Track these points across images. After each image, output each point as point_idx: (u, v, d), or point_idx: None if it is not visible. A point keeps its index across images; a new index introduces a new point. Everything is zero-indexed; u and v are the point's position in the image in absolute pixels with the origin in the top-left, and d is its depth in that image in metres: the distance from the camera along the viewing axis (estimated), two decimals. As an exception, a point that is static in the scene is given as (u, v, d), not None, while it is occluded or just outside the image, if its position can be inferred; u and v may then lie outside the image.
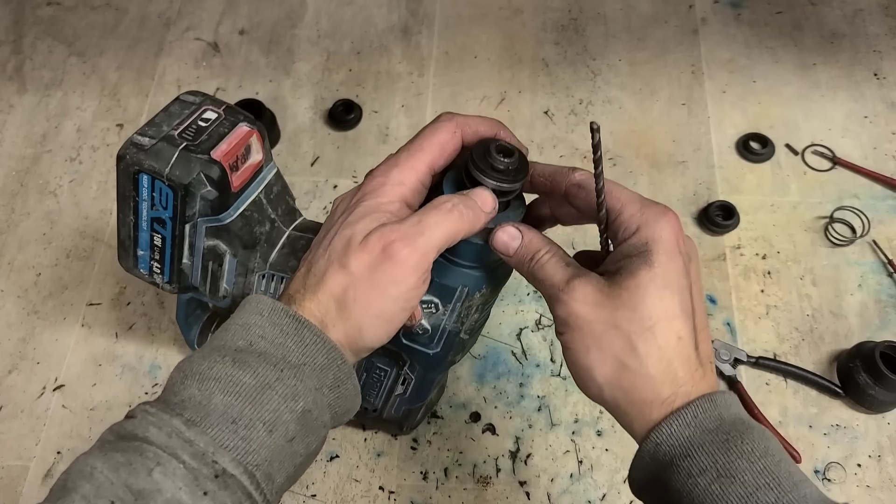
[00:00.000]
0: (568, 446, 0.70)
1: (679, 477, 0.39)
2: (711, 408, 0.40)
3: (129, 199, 0.55)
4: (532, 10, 1.02)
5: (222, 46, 1.00)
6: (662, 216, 0.43)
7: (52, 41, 1.02)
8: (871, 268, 0.80)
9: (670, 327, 0.41)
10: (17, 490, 0.69)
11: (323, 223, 0.49)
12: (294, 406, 0.40)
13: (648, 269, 0.41)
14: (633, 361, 0.41)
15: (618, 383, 0.41)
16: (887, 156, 0.88)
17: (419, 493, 0.68)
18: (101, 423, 0.72)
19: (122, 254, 0.59)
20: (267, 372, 0.40)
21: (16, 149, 0.92)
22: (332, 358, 0.43)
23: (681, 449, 0.39)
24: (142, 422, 0.38)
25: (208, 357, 0.41)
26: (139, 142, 0.52)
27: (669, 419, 0.40)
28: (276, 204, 0.58)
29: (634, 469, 0.42)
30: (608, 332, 0.41)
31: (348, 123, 0.92)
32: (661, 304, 0.41)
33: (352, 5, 1.04)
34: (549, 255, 0.45)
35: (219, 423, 0.38)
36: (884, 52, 0.97)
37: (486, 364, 0.75)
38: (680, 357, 0.41)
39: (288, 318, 0.43)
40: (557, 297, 0.43)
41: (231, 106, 0.56)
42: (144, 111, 0.94)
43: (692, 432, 0.39)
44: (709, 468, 0.38)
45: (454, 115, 0.49)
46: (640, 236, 0.42)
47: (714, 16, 1.01)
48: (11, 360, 0.76)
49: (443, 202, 0.44)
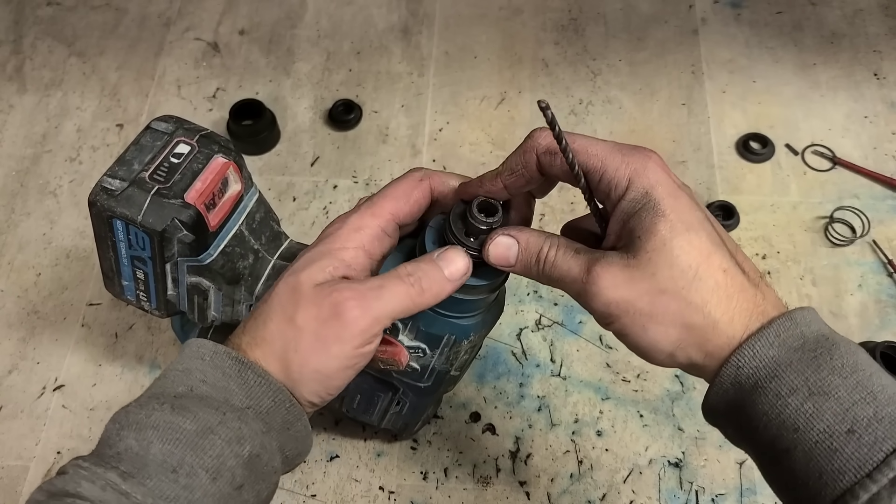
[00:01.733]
0: (568, 446, 0.70)
1: (766, 399, 0.37)
2: (792, 326, 0.38)
3: (107, 238, 0.53)
4: (532, 10, 1.02)
5: (222, 46, 1.00)
6: (648, 159, 0.40)
7: (52, 41, 1.02)
8: (871, 268, 0.80)
9: (711, 265, 0.39)
10: (17, 490, 0.69)
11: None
12: (240, 450, 0.38)
13: (664, 220, 0.39)
14: (695, 317, 0.39)
15: (688, 343, 0.39)
16: (887, 156, 0.88)
17: (419, 493, 0.68)
18: (100, 424, 0.71)
19: (107, 282, 0.57)
20: (208, 416, 0.38)
21: (16, 149, 0.92)
22: (280, 400, 0.41)
23: (766, 371, 0.37)
24: (73, 476, 0.36)
25: (146, 406, 0.39)
26: (109, 186, 0.50)
27: (750, 341, 0.38)
28: (260, 232, 0.56)
29: (712, 396, 0.40)
30: (657, 302, 0.39)
31: (348, 123, 0.92)
32: (693, 248, 0.39)
33: (352, 5, 1.04)
34: (555, 250, 0.42)
35: (158, 472, 0.36)
36: (884, 52, 0.97)
37: (486, 364, 0.75)
38: (734, 288, 0.39)
39: (230, 360, 0.41)
40: (585, 291, 0.41)
41: (206, 133, 0.53)
42: (144, 111, 0.95)
43: (776, 352, 0.37)
44: (799, 387, 0.36)
45: (422, 168, 0.47)
46: (636, 188, 0.40)
47: (714, 16, 1.01)
48: (11, 360, 0.76)
49: (405, 274, 0.43)
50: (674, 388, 0.72)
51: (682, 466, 0.69)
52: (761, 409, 0.37)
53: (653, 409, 0.72)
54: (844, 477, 0.34)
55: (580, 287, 0.41)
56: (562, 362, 0.74)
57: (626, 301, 0.39)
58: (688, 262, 0.38)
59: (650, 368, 0.74)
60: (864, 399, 0.35)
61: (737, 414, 0.39)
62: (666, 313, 0.39)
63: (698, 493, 0.67)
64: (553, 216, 0.84)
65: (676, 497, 0.67)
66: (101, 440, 0.39)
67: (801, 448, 0.36)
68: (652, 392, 0.72)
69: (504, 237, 0.44)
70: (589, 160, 0.41)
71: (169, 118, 0.53)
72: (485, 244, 0.44)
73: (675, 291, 0.38)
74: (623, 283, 0.39)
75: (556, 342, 0.76)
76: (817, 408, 0.36)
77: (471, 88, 0.95)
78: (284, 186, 0.87)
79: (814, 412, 0.36)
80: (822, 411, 0.35)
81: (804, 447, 0.36)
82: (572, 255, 0.42)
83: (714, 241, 0.39)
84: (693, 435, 0.70)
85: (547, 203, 0.84)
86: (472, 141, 0.90)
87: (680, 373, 0.73)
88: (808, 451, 0.35)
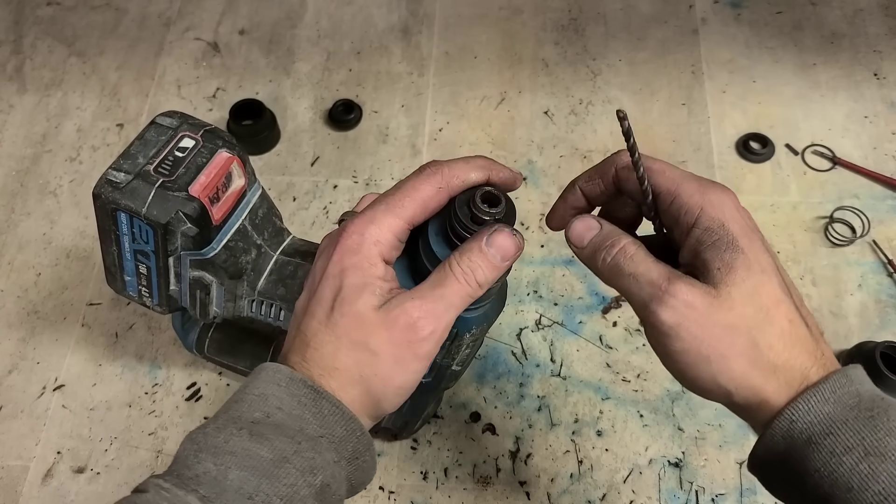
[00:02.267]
0: (568, 446, 0.70)
1: (820, 455, 0.36)
2: (847, 383, 0.38)
3: (110, 232, 0.53)
4: (532, 10, 1.02)
5: (222, 46, 1.00)
6: (724, 194, 0.40)
7: (52, 41, 1.02)
8: (871, 268, 0.80)
9: (780, 312, 0.39)
10: (17, 490, 0.69)
11: (311, 272, 0.47)
12: (312, 480, 0.39)
13: (743, 257, 0.38)
14: (758, 358, 0.38)
15: (746, 384, 0.39)
16: (887, 156, 0.88)
17: (419, 493, 0.68)
18: (100, 423, 0.72)
19: (109, 278, 0.58)
20: (284, 445, 0.39)
21: (16, 149, 0.92)
22: (352, 429, 0.42)
23: (820, 426, 0.37)
24: (155, 497, 0.36)
25: (223, 430, 0.39)
26: (114, 179, 0.50)
27: (806, 395, 0.37)
28: (262, 228, 0.56)
29: (762, 446, 0.39)
30: (726, 336, 0.38)
31: (348, 123, 0.92)
32: (766, 291, 0.39)
33: (352, 5, 1.04)
34: (636, 248, 0.41)
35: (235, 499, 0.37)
36: (884, 52, 0.97)
37: (486, 364, 0.75)
38: (798, 339, 0.39)
39: (306, 389, 0.41)
40: (661, 300, 0.39)
41: (210, 129, 0.53)
42: (144, 111, 0.94)
43: (832, 409, 0.37)
44: (855, 446, 0.36)
45: (440, 167, 0.45)
46: (711, 219, 0.39)
47: (714, 16, 1.01)
48: (11, 360, 0.76)
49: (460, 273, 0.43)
50: (674, 388, 0.72)
51: (682, 466, 0.69)
52: (813, 465, 0.37)
53: (653, 409, 0.72)
54: None
55: (655, 293, 0.40)
56: (562, 362, 0.74)
57: (700, 325, 0.39)
58: (761, 303, 0.38)
59: (650, 368, 0.74)
60: None
61: (785, 468, 0.39)
62: (732, 349, 0.39)
63: (698, 493, 0.67)
64: (553, 216, 0.84)
65: (676, 497, 0.67)
66: (178, 459, 0.39)
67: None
68: (652, 392, 0.72)
69: (591, 219, 0.44)
70: (664, 182, 0.41)
71: (173, 114, 0.54)
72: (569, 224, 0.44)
73: (747, 330, 0.38)
74: (702, 307, 0.39)
75: (556, 342, 0.76)
76: (873, 469, 0.35)
77: (471, 88, 0.95)
78: (284, 186, 0.87)
79: (869, 473, 0.35)
80: (878, 472, 0.35)
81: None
82: (654, 260, 0.41)
83: (783, 289, 0.39)
84: (693, 435, 0.70)
85: (547, 203, 0.84)
86: (472, 141, 0.90)
87: (680, 373, 0.73)
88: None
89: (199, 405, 0.73)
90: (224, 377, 0.74)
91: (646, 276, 0.40)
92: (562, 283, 0.79)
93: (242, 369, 0.70)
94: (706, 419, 0.71)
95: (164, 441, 0.71)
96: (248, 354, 0.70)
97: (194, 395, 0.74)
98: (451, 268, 0.43)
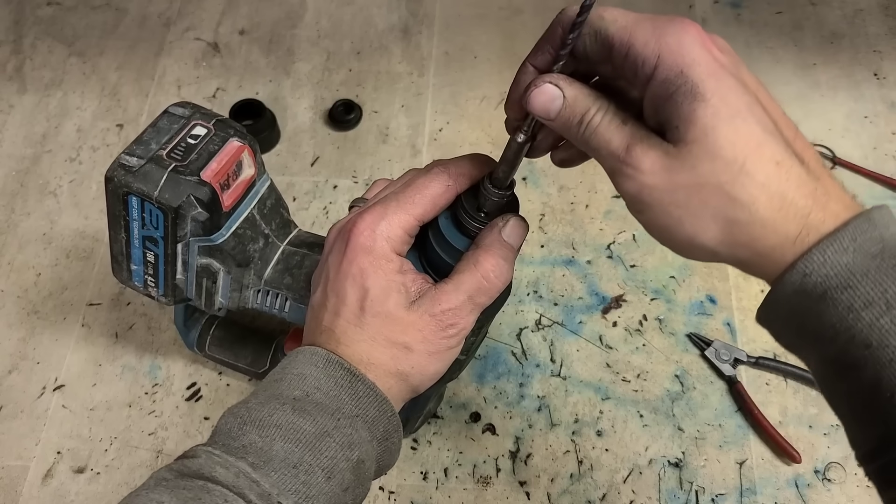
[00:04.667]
0: (568, 446, 0.70)
1: (835, 311, 0.33)
2: (871, 228, 0.33)
3: (120, 217, 0.54)
4: (532, 10, 1.02)
5: (222, 46, 1.00)
6: (683, 32, 0.35)
7: (52, 41, 1.02)
8: (871, 268, 0.80)
9: (762, 156, 0.34)
10: (17, 490, 0.69)
11: (321, 265, 0.48)
12: (350, 455, 0.41)
13: (704, 105, 0.34)
14: (740, 213, 0.34)
15: (733, 240, 0.35)
16: (887, 156, 0.88)
17: (419, 493, 0.68)
18: (100, 423, 0.72)
19: (115, 267, 0.58)
20: (325, 420, 0.41)
21: (16, 149, 0.92)
22: (384, 411, 0.44)
23: (838, 279, 0.33)
24: (208, 461, 0.38)
25: (266, 404, 0.41)
26: (127, 163, 0.51)
27: (822, 245, 0.33)
28: (270, 218, 0.57)
29: (770, 303, 0.36)
30: (697, 195, 0.35)
31: (348, 123, 0.92)
32: (739, 138, 0.34)
33: (352, 5, 1.04)
34: (601, 115, 0.37)
35: (281, 467, 0.38)
36: (884, 52, 0.97)
37: (486, 364, 0.75)
38: (790, 182, 0.34)
39: (342, 371, 0.43)
40: (620, 171, 0.36)
41: (222, 119, 0.54)
42: (144, 111, 0.95)
43: (851, 258, 0.33)
44: (876, 300, 0.32)
45: (447, 165, 0.46)
46: (668, 66, 0.34)
47: (714, 16, 1.01)
48: (11, 360, 0.76)
49: (484, 272, 0.44)
50: (674, 388, 0.72)
51: (682, 466, 0.69)
52: (828, 320, 0.33)
53: (653, 409, 0.72)
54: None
55: (615, 164, 0.37)
56: (562, 362, 0.74)
57: (662, 190, 0.35)
58: (733, 153, 0.34)
59: (650, 368, 0.74)
60: None
61: (797, 322, 0.35)
62: (706, 206, 0.35)
63: (698, 493, 0.67)
64: (553, 216, 0.84)
65: (676, 497, 0.67)
66: (221, 431, 0.41)
67: (873, 366, 0.32)
68: (652, 392, 0.72)
69: (550, 86, 0.38)
70: (616, 31, 0.36)
71: (186, 104, 0.55)
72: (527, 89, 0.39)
73: (718, 186, 0.34)
74: (661, 171, 0.35)
75: (556, 342, 0.76)
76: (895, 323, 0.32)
77: (471, 88, 0.95)
78: (284, 186, 0.87)
79: (890, 328, 0.32)
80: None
81: (876, 365, 0.32)
82: (618, 124, 0.37)
83: (766, 128, 0.35)
84: (693, 435, 0.70)
85: (547, 203, 0.84)
86: (472, 141, 0.90)
87: (680, 373, 0.73)
88: (880, 369, 0.32)
89: (199, 405, 0.73)
90: (224, 377, 0.74)
91: (606, 147, 0.37)
92: (562, 283, 0.79)
93: (244, 367, 0.70)
94: (706, 419, 0.71)
95: (164, 441, 0.71)
96: (250, 352, 0.70)
97: (194, 395, 0.74)
98: (479, 266, 0.44)
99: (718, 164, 0.34)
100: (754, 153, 0.34)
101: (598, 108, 0.37)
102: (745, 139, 0.34)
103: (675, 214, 0.36)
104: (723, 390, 0.72)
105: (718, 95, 0.34)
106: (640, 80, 0.36)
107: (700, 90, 0.34)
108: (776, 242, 0.35)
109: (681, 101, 0.34)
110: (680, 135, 0.35)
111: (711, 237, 0.35)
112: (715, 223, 0.35)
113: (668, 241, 0.38)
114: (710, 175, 0.34)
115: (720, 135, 0.34)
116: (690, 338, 0.75)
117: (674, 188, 0.35)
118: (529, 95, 0.39)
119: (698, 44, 0.35)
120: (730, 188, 0.34)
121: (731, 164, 0.34)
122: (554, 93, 0.38)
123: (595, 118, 0.37)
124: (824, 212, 0.34)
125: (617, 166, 0.37)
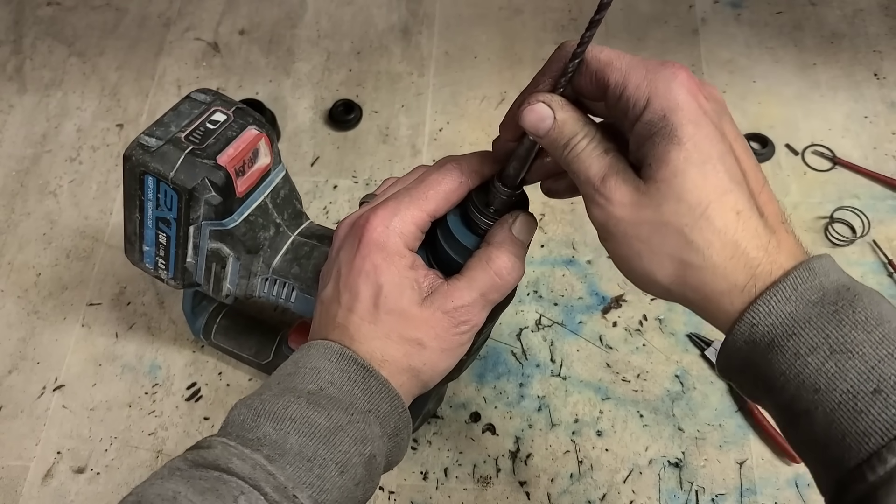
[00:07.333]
0: (568, 446, 0.70)
1: (784, 358, 0.34)
2: (810, 277, 0.35)
3: (135, 197, 0.55)
4: (532, 10, 1.02)
5: (222, 46, 1.00)
6: (672, 78, 0.37)
7: (52, 41, 1.02)
8: (871, 268, 0.80)
9: (724, 205, 0.36)
10: (16, 490, 0.69)
11: (331, 258, 0.48)
12: (363, 450, 0.41)
13: (678, 149, 0.36)
14: (694, 257, 0.36)
15: (684, 282, 0.37)
16: (887, 156, 0.88)
17: (419, 493, 0.68)
18: (100, 423, 0.72)
19: (128, 247, 0.60)
20: (339, 415, 0.41)
21: (16, 149, 0.92)
22: (395, 406, 0.44)
23: (783, 328, 0.35)
24: (224, 452, 0.38)
25: (281, 397, 0.41)
26: (146, 143, 0.52)
27: (765, 296, 0.35)
28: (283, 208, 0.58)
29: (724, 355, 0.38)
30: (657, 233, 0.37)
31: (348, 123, 0.92)
32: (706, 184, 0.35)
33: (352, 5, 1.04)
34: (586, 142, 0.39)
35: (295, 461, 0.39)
36: (884, 52, 0.97)
37: (486, 364, 0.75)
38: (745, 233, 0.36)
39: (356, 366, 0.43)
40: (593, 198, 0.39)
41: (241, 107, 0.55)
42: (144, 111, 0.95)
43: (793, 307, 0.35)
44: (820, 345, 0.34)
45: (459, 162, 0.46)
46: (654, 109, 0.36)
47: (714, 16, 1.01)
48: (11, 360, 0.76)
49: (497, 269, 0.44)
50: (674, 388, 0.72)
51: (682, 466, 0.69)
52: (778, 368, 0.35)
53: (653, 409, 0.72)
54: (870, 440, 0.32)
55: (589, 191, 0.39)
56: (562, 362, 0.74)
57: (627, 223, 0.37)
58: (697, 198, 0.36)
59: (650, 368, 0.74)
60: (890, 355, 0.33)
61: (752, 372, 0.37)
62: (663, 246, 0.37)
63: (698, 493, 0.67)
64: (553, 216, 0.84)
65: (676, 497, 0.67)
66: (233, 423, 0.41)
67: (823, 409, 0.33)
68: (652, 392, 0.72)
69: (542, 106, 0.40)
70: (612, 74, 0.38)
71: (208, 91, 0.56)
72: (522, 105, 0.41)
73: (678, 228, 0.36)
74: (629, 205, 0.37)
75: (556, 342, 0.76)
76: (840, 367, 0.33)
77: (471, 88, 0.95)
78: (284, 186, 0.87)
79: (836, 371, 0.33)
80: (846, 370, 0.33)
81: (826, 409, 0.33)
82: (599, 154, 0.39)
83: (734, 177, 0.36)
84: (693, 435, 0.70)
85: (547, 203, 0.84)
86: (472, 141, 0.90)
87: (680, 373, 0.73)
88: (831, 412, 0.33)
89: (199, 405, 0.73)
90: (224, 378, 0.74)
91: (584, 174, 0.39)
92: (562, 283, 0.79)
93: (247, 357, 0.71)
94: (706, 419, 0.71)
95: (164, 441, 0.71)
96: (254, 343, 0.71)
97: (194, 395, 0.74)
98: (492, 264, 0.45)
99: (682, 206, 0.36)
100: (717, 200, 0.36)
101: (585, 134, 0.39)
102: (712, 186, 0.36)
103: (635, 248, 0.38)
104: (723, 390, 0.72)
105: (693, 141, 0.36)
106: (629, 120, 0.38)
107: (678, 134, 0.36)
108: (724, 289, 0.36)
109: (658, 142, 0.36)
110: (651, 172, 0.36)
111: (665, 275, 0.37)
112: (671, 263, 0.37)
113: (626, 271, 0.40)
114: (672, 215, 0.36)
115: (688, 178, 0.36)
116: (690, 338, 0.75)
117: (638, 223, 0.37)
118: (522, 111, 0.40)
119: (685, 90, 0.37)
120: (688, 231, 0.36)
121: (694, 207, 0.36)
122: (545, 112, 0.40)
123: (580, 144, 0.39)
124: (772, 264, 0.36)
125: (591, 193, 0.39)
